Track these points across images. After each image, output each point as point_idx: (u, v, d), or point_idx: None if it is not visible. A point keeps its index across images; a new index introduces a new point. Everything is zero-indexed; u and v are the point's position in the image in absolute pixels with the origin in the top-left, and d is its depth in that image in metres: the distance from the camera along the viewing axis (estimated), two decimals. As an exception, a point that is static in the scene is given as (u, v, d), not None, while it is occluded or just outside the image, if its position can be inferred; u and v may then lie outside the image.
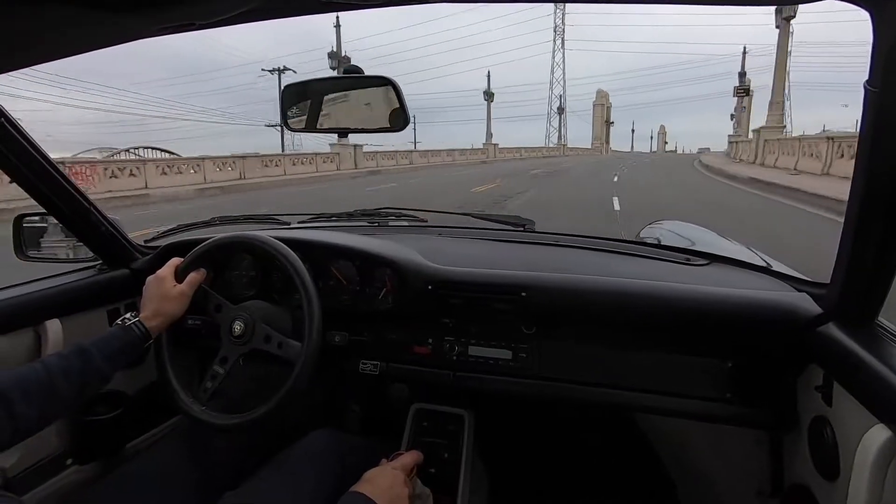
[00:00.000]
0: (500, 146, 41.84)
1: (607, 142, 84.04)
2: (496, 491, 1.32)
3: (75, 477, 1.20)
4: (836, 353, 0.80)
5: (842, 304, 0.82)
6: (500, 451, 1.41)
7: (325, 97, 1.06)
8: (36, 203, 1.14)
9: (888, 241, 0.68)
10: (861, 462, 0.68)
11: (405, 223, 1.59)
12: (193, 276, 1.03)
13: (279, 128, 32.84)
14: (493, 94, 45.00)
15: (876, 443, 0.66)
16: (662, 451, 1.46)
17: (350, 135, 1.09)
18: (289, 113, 1.08)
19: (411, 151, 29.08)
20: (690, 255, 1.23)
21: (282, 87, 1.07)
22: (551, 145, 69.51)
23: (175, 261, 1.05)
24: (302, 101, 1.07)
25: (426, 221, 1.59)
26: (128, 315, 0.96)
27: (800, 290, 0.98)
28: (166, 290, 0.99)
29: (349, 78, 1.01)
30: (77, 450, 1.21)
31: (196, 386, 1.02)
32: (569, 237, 1.40)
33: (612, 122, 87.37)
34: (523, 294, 1.07)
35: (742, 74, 38.74)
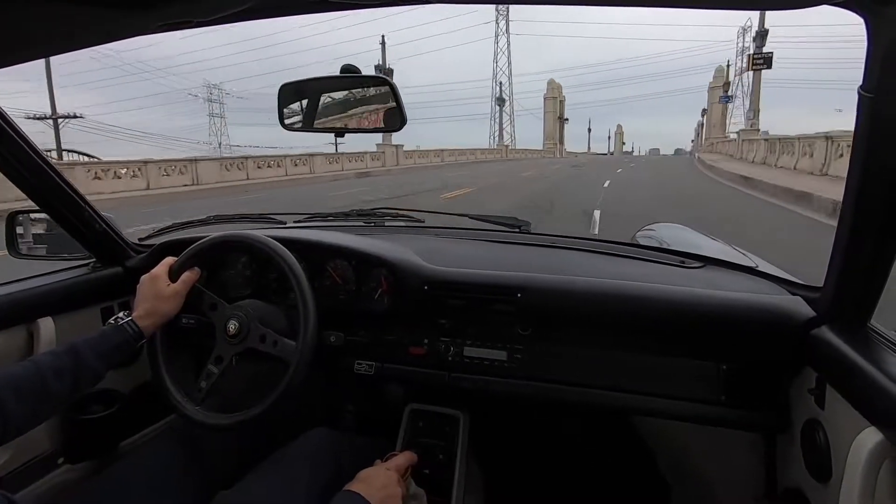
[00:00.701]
0: (405, 148, 29.44)
1: (561, 141, 70.69)
2: (491, 492, 1.32)
3: (67, 476, 1.19)
4: (829, 356, 0.80)
5: (835, 308, 0.83)
6: (494, 453, 1.41)
7: (322, 96, 1.06)
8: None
9: (881, 245, 0.69)
10: (853, 464, 0.69)
11: (402, 223, 1.59)
12: (188, 275, 1.02)
13: (51, 120, 24.04)
14: (391, 69, 29.05)
15: (867, 445, 0.67)
16: (658, 454, 1.46)
17: (346, 134, 1.09)
18: (285, 112, 1.07)
19: (219, 159, 17.71)
20: (685, 258, 1.23)
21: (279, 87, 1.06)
22: (496, 146, 56.04)
23: (169, 260, 1.05)
24: (298, 100, 1.07)
25: (423, 222, 1.59)
26: (121, 314, 0.96)
27: (794, 294, 0.99)
28: (160, 290, 0.99)
29: (346, 77, 1.01)
30: (69, 449, 1.20)
31: (190, 385, 1.01)
32: (565, 239, 1.40)
33: (567, 119, 73.47)
34: (519, 295, 1.07)
35: (762, 35, 26.95)
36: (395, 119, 1.02)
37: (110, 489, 0.92)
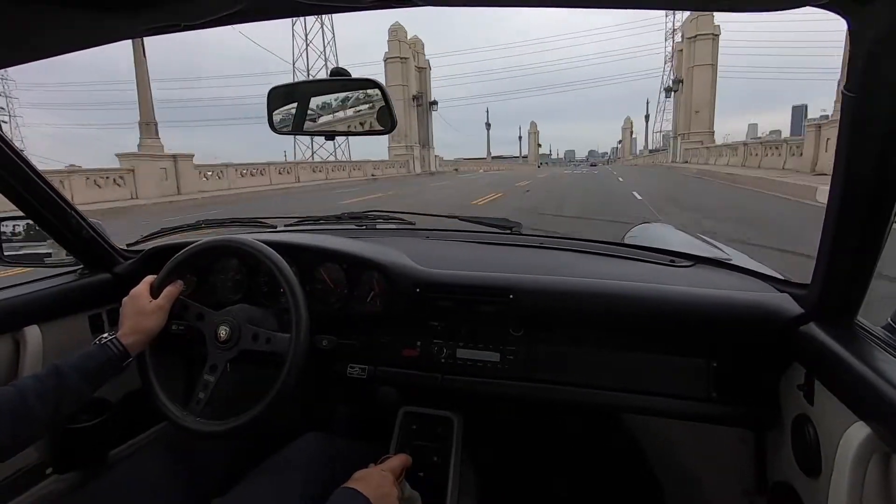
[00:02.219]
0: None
1: (427, 144, 41.32)
2: (485, 493, 1.32)
3: (55, 487, 1.17)
4: (817, 352, 0.81)
5: (822, 305, 0.84)
6: (488, 454, 1.41)
7: (312, 99, 1.06)
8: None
9: (866, 242, 0.70)
10: (842, 459, 0.70)
11: (393, 226, 1.59)
12: (169, 290, 1.02)
13: None
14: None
15: (856, 440, 0.68)
16: (650, 452, 1.48)
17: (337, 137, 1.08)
18: (274, 115, 1.07)
19: None
20: (675, 257, 1.24)
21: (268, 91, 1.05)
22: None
23: (150, 277, 1.05)
24: (288, 104, 1.07)
25: (414, 224, 1.59)
26: (105, 334, 0.95)
27: (782, 291, 1.00)
28: (142, 307, 0.98)
29: (336, 80, 1.01)
30: (57, 459, 1.18)
31: (183, 395, 1.00)
32: (556, 239, 1.41)
33: (435, 103, 43.05)
34: (511, 296, 1.08)
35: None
36: (385, 121, 1.02)
37: (100, 500, 0.91)
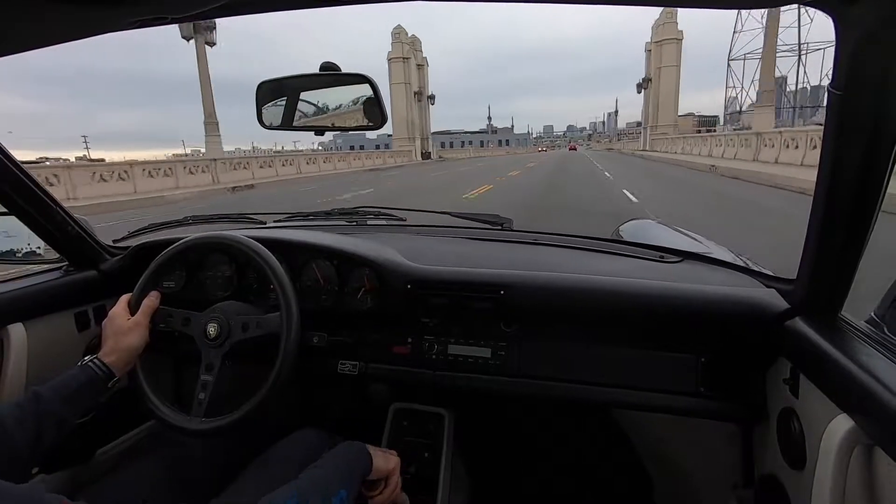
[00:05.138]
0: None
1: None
2: (476, 490, 1.33)
3: (42, 487, 1.15)
4: (803, 346, 0.83)
5: (807, 300, 0.85)
6: (480, 450, 1.42)
7: (302, 94, 1.05)
8: None
9: (850, 238, 0.71)
10: (826, 451, 0.71)
11: (384, 222, 1.58)
12: (146, 303, 1.01)
13: None
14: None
15: (839, 432, 0.69)
16: (640, 447, 1.49)
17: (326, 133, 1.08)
18: (263, 110, 1.06)
19: None
20: (664, 253, 1.25)
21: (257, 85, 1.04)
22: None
23: (126, 296, 1.03)
24: (277, 99, 1.06)
25: (405, 220, 1.58)
26: (87, 357, 0.93)
27: (768, 286, 1.02)
28: (120, 325, 0.97)
29: (326, 75, 1.00)
30: (44, 458, 1.16)
31: (173, 395, 0.99)
32: (547, 235, 1.42)
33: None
34: (502, 292, 1.08)
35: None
36: (376, 116, 1.01)
37: (90, 500, 0.90)
